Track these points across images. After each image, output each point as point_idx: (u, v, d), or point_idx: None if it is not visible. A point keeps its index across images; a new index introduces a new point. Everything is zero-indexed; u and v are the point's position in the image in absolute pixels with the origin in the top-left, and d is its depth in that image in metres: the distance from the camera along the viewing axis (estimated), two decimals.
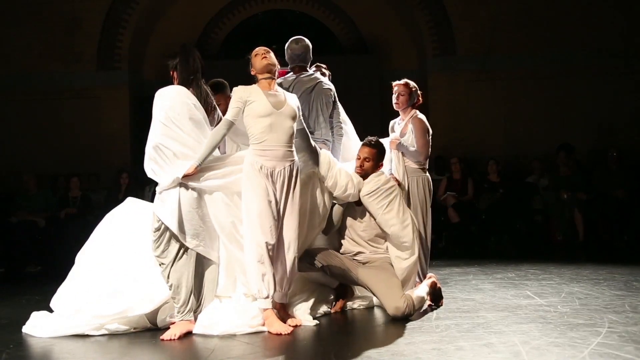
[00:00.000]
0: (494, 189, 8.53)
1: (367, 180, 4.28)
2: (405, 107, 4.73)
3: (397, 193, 4.27)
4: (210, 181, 3.89)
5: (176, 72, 4.03)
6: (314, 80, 4.69)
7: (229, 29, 11.05)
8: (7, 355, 3.44)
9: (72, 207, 8.55)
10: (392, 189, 4.26)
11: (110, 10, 10.09)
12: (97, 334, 3.82)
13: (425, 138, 4.62)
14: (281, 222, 3.87)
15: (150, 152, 3.86)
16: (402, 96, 4.71)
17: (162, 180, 3.85)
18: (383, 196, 4.21)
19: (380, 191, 4.22)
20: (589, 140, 9.63)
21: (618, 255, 7.00)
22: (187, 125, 3.85)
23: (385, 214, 4.18)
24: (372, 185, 4.24)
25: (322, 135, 4.65)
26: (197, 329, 3.78)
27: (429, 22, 10.15)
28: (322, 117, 4.65)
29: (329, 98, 4.68)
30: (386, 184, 4.27)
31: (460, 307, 4.19)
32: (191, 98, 3.91)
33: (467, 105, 10.03)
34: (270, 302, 3.81)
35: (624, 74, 9.84)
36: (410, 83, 4.76)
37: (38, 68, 10.05)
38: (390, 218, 4.18)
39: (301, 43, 4.75)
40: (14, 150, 9.82)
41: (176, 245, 3.84)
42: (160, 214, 3.83)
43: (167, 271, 3.83)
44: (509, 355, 2.94)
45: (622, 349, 2.96)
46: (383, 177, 4.32)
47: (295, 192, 3.89)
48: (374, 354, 3.11)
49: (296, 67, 4.75)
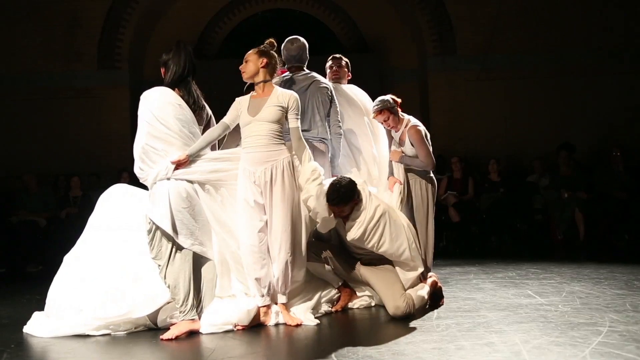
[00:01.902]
0: (494, 188, 8.53)
1: (350, 226, 4.04)
2: (398, 124, 4.55)
3: (385, 219, 4.03)
4: (200, 174, 3.90)
5: (165, 69, 4.03)
6: (309, 79, 4.68)
7: (230, 29, 11.06)
8: (8, 354, 3.44)
9: (72, 206, 8.57)
10: (378, 219, 4.01)
11: (111, 10, 10.11)
12: (98, 334, 3.82)
13: (426, 147, 4.45)
14: (271, 224, 3.90)
15: (139, 152, 3.90)
16: (387, 120, 4.50)
17: (152, 174, 3.85)
18: (372, 235, 4.02)
19: (368, 231, 4.01)
20: (589, 139, 9.63)
21: (619, 254, 6.99)
22: (173, 125, 3.87)
23: (379, 249, 4.05)
24: (358, 230, 4.01)
25: (319, 133, 4.63)
26: (203, 329, 3.79)
27: (429, 21, 10.16)
28: (318, 116, 4.63)
29: (325, 96, 4.66)
30: (371, 220, 4.00)
31: (461, 307, 4.18)
32: (176, 99, 3.93)
33: (467, 105, 10.04)
34: (267, 299, 3.89)
35: (624, 74, 9.85)
36: (383, 107, 4.46)
37: (39, 68, 10.07)
38: (385, 250, 4.06)
39: (296, 43, 4.75)
40: (15, 150, 9.83)
41: (168, 245, 3.84)
42: (153, 216, 3.84)
43: (164, 272, 3.84)
44: (509, 355, 2.94)
45: (623, 348, 2.96)
46: (364, 212, 4.03)
47: (279, 192, 3.86)
48: (374, 353, 3.11)
49: (293, 67, 4.76)
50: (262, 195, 3.90)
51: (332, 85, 4.82)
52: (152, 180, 3.87)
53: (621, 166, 8.32)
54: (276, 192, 3.87)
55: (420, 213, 4.51)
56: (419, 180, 4.55)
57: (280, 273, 3.91)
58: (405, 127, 4.51)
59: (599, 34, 9.90)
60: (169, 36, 10.24)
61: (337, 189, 3.95)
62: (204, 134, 3.98)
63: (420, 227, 4.50)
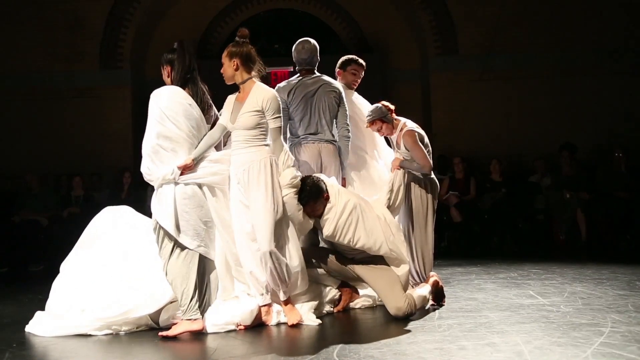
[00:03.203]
0: (496, 188, 8.53)
1: (323, 224, 4.04)
2: (392, 130, 4.55)
3: (357, 213, 4.01)
4: (205, 177, 3.90)
5: (171, 68, 4.01)
6: (317, 83, 4.68)
7: (232, 29, 11.06)
8: (10, 354, 3.44)
9: (74, 206, 8.58)
10: (349, 213, 4.00)
11: (113, 9, 10.12)
12: (100, 333, 3.83)
13: (421, 150, 4.40)
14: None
15: (148, 151, 3.88)
16: (380, 130, 4.52)
17: (159, 175, 3.83)
18: (345, 230, 4.00)
19: (340, 227, 4.00)
20: (591, 139, 9.62)
21: (621, 255, 6.98)
22: (183, 124, 3.86)
23: (357, 244, 4.02)
24: (330, 226, 4.00)
25: (326, 136, 4.64)
26: (208, 329, 3.80)
27: (431, 21, 10.15)
28: (324, 120, 4.64)
29: (332, 100, 4.66)
30: (341, 215, 3.99)
31: (462, 307, 4.18)
32: (187, 98, 3.92)
33: (469, 105, 10.03)
34: (268, 298, 3.91)
35: (626, 74, 9.83)
36: (375, 117, 4.45)
37: (41, 67, 10.08)
38: (363, 245, 4.03)
39: (307, 46, 4.73)
40: (17, 150, 9.84)
41: (170, 243, 3.83)
42: (157, 215, 3.84)
43: (165, 269, 3.85)
44: (511, 355, 2.94)
45: (625, 348, 2.96)
46: (334, 208, 4.03)
47: (255, 193, 3.83)
48: (376, 353, 3.11)
49: (303, 70, 4.76)
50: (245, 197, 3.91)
51: (342, 88, 4.79)
52: (159, 181, 3.86)
53: (623, 166, 8.31)
54: (253, 193, 3.85)
55: (420, 215, 4.48)
56: (419, 181, 4.51)
57: (267, 274, 3.85)
58: (400, 131, 4.47)
59: (600, 33, 9.88)
60: (171, 36, 10.23)
61: (304, 188, 3.99)
62: (205, 137, 3.97)
63: (420, 229, 4.47)
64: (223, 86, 4.05)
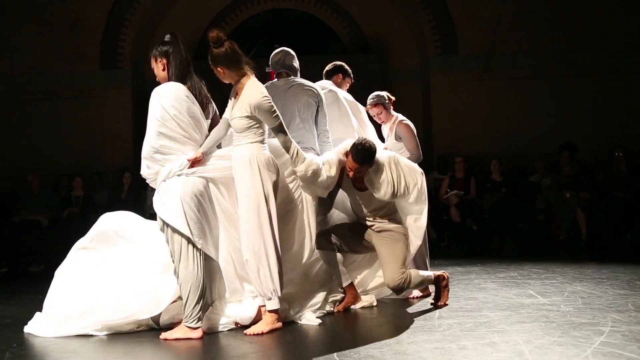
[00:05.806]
0: (496, 188, 8.53)
1: (379, 184, 4.15)
2: (388, 119, 5.08)
3: (394, 161, 4.18)
4: (213, 171, 3.87)
5: (167, 61, 3.90)
6: (289, 82, 4.49)
7: (231, 29, 11.04)
8: (11, 354, 3.44)
9: (75, 206, 8.59)
10: (389, 166, 4.14)
11: (113, 10, 10.12)
12: (100, 334, 3.82)
13: (415, 140, 4.93)
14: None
15: (148, 150, 3.80)
16: (380, 114, 5.03)
17: (163, 172, 3.78)
18: (398, 185, 4.13)
19: (396, 184, 4.13)
20: (592, 139, 9.62)
21: (621, 254, 6.99)
22: (186, 121, 3.81)
23: (412, 192, 4.18)
24: (388, 188, 4.12)
25: (300, 138, 4.32)
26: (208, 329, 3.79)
27: (431, 21, 10.15)
28: (298, 119, 4.37)
29: (308, 98, 4.43)
30: (388, 170, 4.13)
31: (462, 306, 4.18)
32: (189, 95, 3.86)
33: (469, 105, 10.03)
34: (276, 302, 3.79)
35: (627, 74, 9.83)
36: (378, 101, 5.00)
37: (41, 68, 10.08)
38: (413, 185, 4.18)
39: (278, 49, 4.66)
40: (17, 150, 9.84)
41: (179, 241, 3.73)
42: (166, 216, 3.75)
43: (177, 270, 3.76)
44: (511, 355, 2.94)
45: (625, 348, 2.95)
46: (379, 169, 4.16)
47: (237, 189, 3.84)
48: (376, 352, 3.11)
49: (279, 73, 4.62)
50: None
51: (322, 92, 4.59)
52: (164, 178, 3.79)
53: (623, 166, 8.31)
54: (236, 189, 3.85)
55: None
56: None
57: (252, 273, 3.79)
58: (394, 123, 4.96)
59: (601, 33, 9.88)
60: None
61: (366, 147, 4.02)
62: (212, 132, 3.93)
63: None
64: (223, 86, 4.03)
